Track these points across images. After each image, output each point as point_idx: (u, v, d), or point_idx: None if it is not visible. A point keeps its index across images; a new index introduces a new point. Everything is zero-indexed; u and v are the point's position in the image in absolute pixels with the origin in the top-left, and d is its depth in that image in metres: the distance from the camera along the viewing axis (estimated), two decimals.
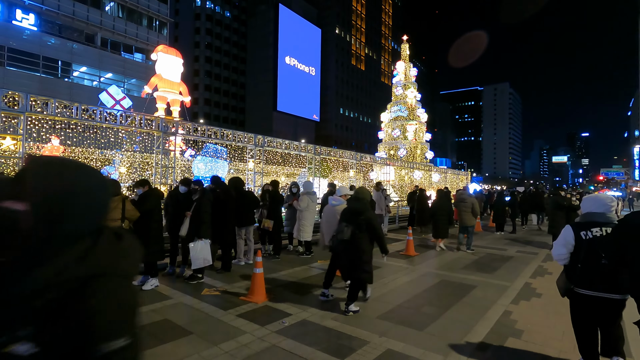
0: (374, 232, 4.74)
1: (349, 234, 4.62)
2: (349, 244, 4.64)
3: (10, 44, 26.53)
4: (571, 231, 3.02)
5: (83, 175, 0.84)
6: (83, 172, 0.84)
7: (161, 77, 13.83)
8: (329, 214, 6.00)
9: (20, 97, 7.65)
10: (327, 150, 16.27)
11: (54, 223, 0.78)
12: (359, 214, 4.69)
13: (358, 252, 4.63)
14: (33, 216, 0.76)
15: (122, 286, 0.84)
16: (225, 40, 70.35)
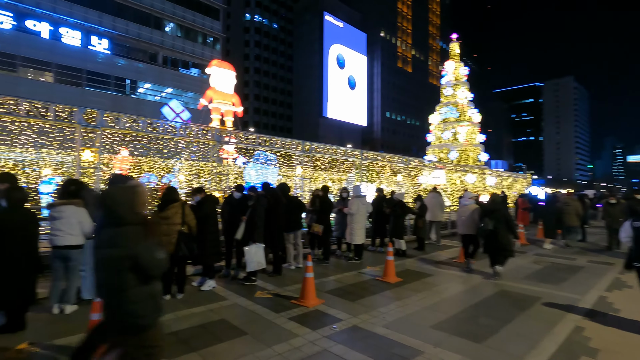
0: (509, 224, 6.78)
1: (491, 225, 6.66)
2: (492, 233, 6.68)
3: (87, 67, 29.85)
4: (629, 223, 4.66)
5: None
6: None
7: (215, 90, 14.73)
8: (463, 211, 7.76)
9: (97, 113, 8.57)
10: (373, 154, 16.11)
11: None
12: (497, 211, 6.80)
13: (501, 237, 6.68)
14: None
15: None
16: (272, 50, 72.85)
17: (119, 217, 2.27)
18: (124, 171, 13.53)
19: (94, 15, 30.13)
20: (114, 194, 2.35)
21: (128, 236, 2.25)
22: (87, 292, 4.76)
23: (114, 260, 2.20)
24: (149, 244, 2.30)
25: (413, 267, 7.61)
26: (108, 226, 2.29)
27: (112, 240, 2.24)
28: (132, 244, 2.24)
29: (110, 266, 2.22)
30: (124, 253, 2.20)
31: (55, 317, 4.28)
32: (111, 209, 2.29)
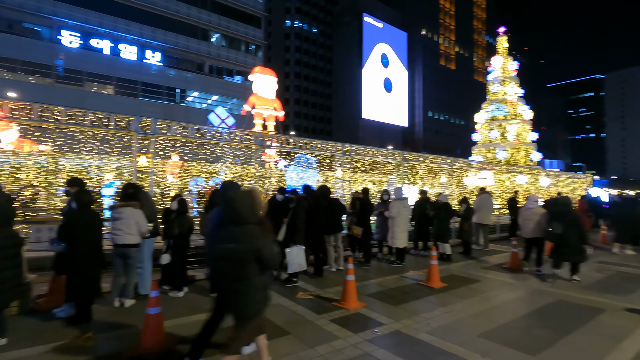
0: (578, 227, 6.57)
1: (560, 229, 6.52)
2: (560, 236, 6.55)
3: (142, 79, 32.22)
4: None
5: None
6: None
7: (258, 96, 15.24)
8: (528, 214, 7.59)
9: (151, 122, 9.22)
10: (415, 155, 15.71)
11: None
12: (567, 214, 6.68)
13: (571, 242, 6.52)
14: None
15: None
16: (312, 55, 73.76)
17: (242, 217, 2.69)
18: (175, 175, 14.40)
19: (148, 31, 32.45)
20: (238, 198, 2.76)
21: (252, 233, 2.69)
22: (143, 288, 5.12)
23: (241, 253, 2.65)
24: (268, 240, 2.78)
25: (459, 272, 7.31)
26: (231, 225, 2.71)
27: (237, 237, 2.67)
28: (256, 240, 2.69)
29: (237, 258, 2.66)
30: (249, 247, 2.66)
31: (116, 310, 4.66)
32: (236, 210, 2.70)
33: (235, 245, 2.66)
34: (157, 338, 3.51)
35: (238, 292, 2.71)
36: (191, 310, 4.72)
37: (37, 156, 11.51)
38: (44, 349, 3.55)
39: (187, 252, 5.50)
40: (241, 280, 2.67)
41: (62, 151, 10.30)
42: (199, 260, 6.54)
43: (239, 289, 2.69)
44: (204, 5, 36.03)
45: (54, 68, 28.38)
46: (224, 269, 2.73)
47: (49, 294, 4.60)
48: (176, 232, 5.25)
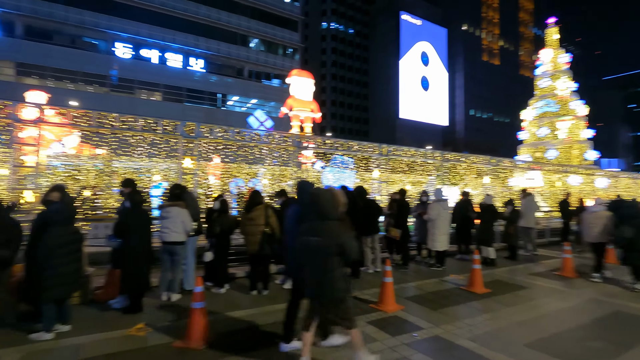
0: None
1: (630, 233, 6.10)
2: (630, 242, 6.13)
3: (187, 85, 33.95)
4: None
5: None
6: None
7: (295, 98, 15.51)
8: (592, 217, 7.16)
9: (195, 126, 9.70)
10: (456, 155, 15.16)
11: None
12: (637, 217, 6.25)
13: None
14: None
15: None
16: (349, 55, 73.59)
17: (326, 214, 2.98)
18: (217, 176, 15.01)
19: (192, 39, 34.13)
20: (321, 196, 3.04)
21: (335, 228, 2.99)
22: (187, 283, 5.40)
23: (325, 246, 2.94)
24: (350, 235, 3.06)
25: (504, 277, 6.95)
26: (316, 220, 3.00)
27: (321, 231, 2.96)
28: (339, 235, 2.97)
29: (321, 251, 2.96)
30: (333, 241, 2.94)
31: (164, 304, 4.94)
32: (319, 207, 2.98)
33: (320, 239, 2.95)
34: (201, 331, 3.69)
35: (322, 281, 2.99)
36: (232, 306, 4.90)
37: (95, 159, 12.52)
38: (102, 336, 3.85)
39: (228, 251, 5.71)
40: (325, 270, 2.96)
41: (116, 154, 11.12)
42: (239, 259, 6.76)
43: (323, 279, 2.98)
44: (243, 12, 37.26)
45: (109, 78, 30.73)
46: (308, 260, 3.05)
47: (106, 286, 4.99)
48: (217, 231, 5.48)
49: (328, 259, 2.97)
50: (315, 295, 3.13)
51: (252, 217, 5.41)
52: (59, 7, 28.59)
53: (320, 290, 3.03)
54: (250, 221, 5.41)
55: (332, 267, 2.98)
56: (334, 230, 2.99)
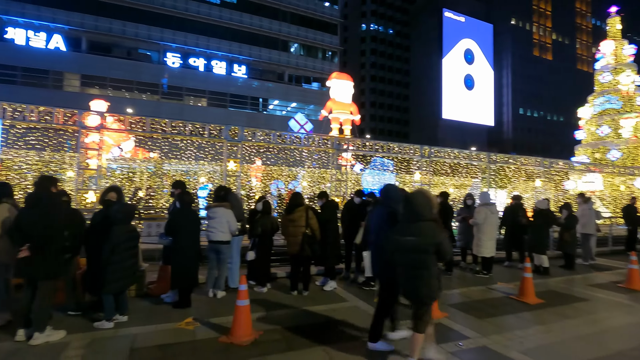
0: None
1: None
2: None
3: (230, 91, 35.36)
4: None
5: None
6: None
7: (335, 101, 15.57)
8: None
9: (238, 130, 10.08)
10: (504, 157, 14.38)
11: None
12: None
13: None
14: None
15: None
16: (388, 56, 72.64)
17: (421, 215, 3.09)
18: (258, 178, 15.46)
19: (236, 47, 35.52)
20: (416, 198, 3.18)
21: (432, 229, 3.11)
22: (232, 281, 5.60)
23: (422, 246, 3.07)
24: (445, 235, 3.17)
25: (559, 288, 6.47)
26: (412, 221, 3.13)
27: (418, 231, 3.09)
28: (436, 235, 3.10)
29: (418, 250, 3.08)
30: (431, 241, 3.08)
31: (210, 300, 5.17)
32: (415, 209, 3.11)
33: (416, 239, 3.08)
34: (246, 328, 3.81)
35: (417, 280, 3.11)
36: (274, 305, 5.01)
37: (147, 162, 13.41)
38: (154, 328, 4.11)
39: (270, 251, 5.86)
40: (421, 269, 3.09)
41: (167, 157, 11.84)
42: (280, 259, 6.90)
43: (418, 277, 3.10)
44: (284, 18, 38.14)
45: (160, 86, 32.84)
46: (403, 260, 3.17)
47: (158, 281, 5.32)
48: (259, 232, 5.64)
49: (424, 258, 3.09)
50: (410, 293, 3.25)
51: (293, 219, 5.50)
52: (118, 22, 31.10)
53: (416, 288, 3.15)
54: (291, 222, 5.51)
55: (428, 266, 3.11)
56: (430, 230, 3.11)
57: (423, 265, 3.10)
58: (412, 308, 3.25)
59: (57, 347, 3.54)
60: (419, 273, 3.11)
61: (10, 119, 7.58)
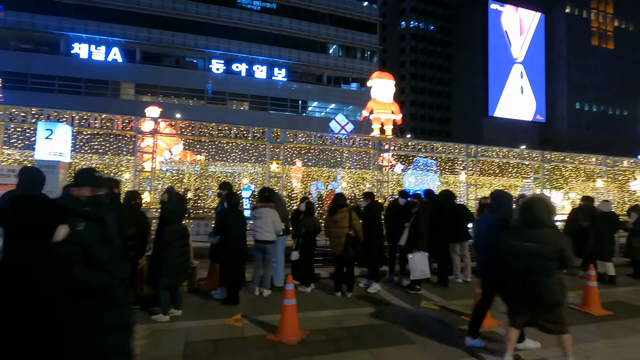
0: None
1: None
2: None
3: (271, 94, 36.25)
4: None
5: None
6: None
7: (376, 101, 15.41)
8: None
9: (280, 132, 10.29)
10: (559, 155, 13.38)
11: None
12: None
13: None
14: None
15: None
16: (429, 53, 70.55)
17: (543, 221, 3.16)
18: (298, 179, 15.66)
19: (276, 51, 36.35)
20: (536, 204, 3.27)
21: (554, 235, 3.19)
22: (277, 280, 5.72)
23: (545, 252, 3.10)
24: (568, 242, 3.21)
25: (628, 299, 5.88)
26: (532, 227, 3.19)
27: (539, 238, 3.14)
28: (560, 241, 3.16)
29: (540, 256, 3.12)
30: (554, 247, 3.11)
31: (257, 298, 5.31)
32: (536, 215, 3.18)
33: (537, 245, 3.12)
34: (293, 327, 3.87)
35: (537, 285, 3.13)
36: (318, 305, 5.04)
37: (195, 165, 14.10)
38: (206, 323, 4.30)
39: (314, 251, 5.90)
40: (541, 275, 3.12)
41: (213, 160, 12.37)
42: (323, 260, 6.93)
43: (539, 283, 3.12)
44: (322, 20, 38.42)
45: (205, 91, 34.45)
46: (523, 265, 3.20)
47: (208, 278, 5.56)
48: (303, 232, 5.70)
49: (545, 264, 3.12)
50: (531, 300, 3.24)
51: (336, 220, 5.50)
52: (167, 33, 33.11)
53: (538, 294, 3.16)
54: (334, 223, 5.51)
55: (551, 272, 3.14)
56: (553, 236, 3.17)
57: (543, 272, 3.13)
58: (538, 316, 3.26)
59: None
60: (539, 279, 3.13)
61: (78, 126, 8.33)
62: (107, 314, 1.51)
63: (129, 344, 1.61)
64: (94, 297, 1.48)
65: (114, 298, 1.58)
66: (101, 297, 1.52)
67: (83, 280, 1.47)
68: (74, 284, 1.38)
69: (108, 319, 1.51)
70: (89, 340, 1.40)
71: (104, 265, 1.64)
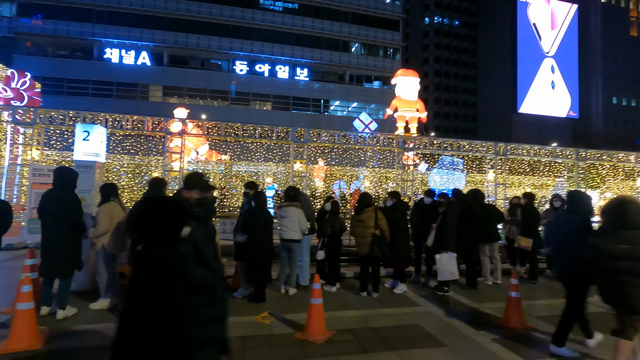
0: None
1: None
2: None
3: (293, 94, 36.48)
4: None
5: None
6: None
7: (400, 99, 15.18)
8: None
9: (304, 131, 10.33)
10: (595, 153, 12.72)
11: None
12: None
13: None
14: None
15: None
16: (454, 49, 68.88)
17: (634, 223, 3.13)
18: (321, 178, 15.65)
19: (298, 51, 36.55)
20: (632, 206, 3.23)
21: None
22: (303, 279, 5.74)
23: (637, 255, 3.08)
24: None
25: None
26: (625, 229, 3.15)
27: (635, 240, 3.09)
28: None
29: (634, 258, 3.09)
30: None
31: (283, 296, 5.35)
32: (632, 217, 3.14)
33: (632, 247, 3.08)
34: (320, 326, 3.87)
35: (628, 287, 3.08)
36: (344, 305, 5.02)
37: (219, 164, 14.39)
38: (235, 320, 4.33)
39: (339, 250, 5.88)
40: (634, 276, 3.06)
41: (238, 159, 12.59)
42: (348, 259, 6.90)
43: (631, 284, 3.07)
44: (344, 19, 38.26)
45: (229, 92, 35.12)
46: (609, 267, 3.16)
47: (234, 276, 5.66)
48: (329, 231, 5.69)
49: (637, 266, 3.07)
50: (617, 300, 3.20)
51: (362, 219, 5.45)
52: (193, 36, 33.99)
53: (626, 295, 3.11)
54: (360, 223, 5.47)
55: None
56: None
57: (634, 273, 3.07)
58: (618, 315, 3.20)
59: None
60: (631, 280, 3.08)
61: (111, 128, 8.68)
62: (210, 308, 1.65)
63: (225, 334, 1.79)
64: (202, 293, 1.63)
65: (217, 294, 1.71)
66: (207, 293, 1.66)
67: (196, 276, 1.62)
68: (188, 280, 1.56)
69: (211, 313, 1.65)
70: (195, 331, 1.56)
71: (209, 263, 1.78)
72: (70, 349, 3.48)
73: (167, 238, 1.57)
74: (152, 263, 1.53)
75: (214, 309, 1.66)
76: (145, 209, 1.68)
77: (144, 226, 1.62)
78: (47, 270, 4.19)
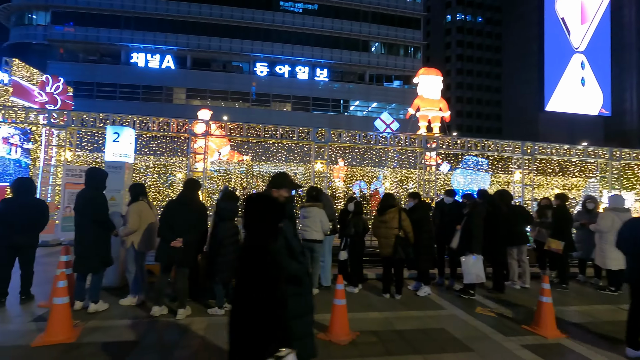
0: None
1: None
2: None
3: (313, 95, 36.59)
4: None
5: None
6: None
7: (422, 98, 14.93)
8: None
9: (325, 132, 10.31)
10: (631, 152, 12.08)
11: None
12: None
13: None
14: None
15: None
16: (477, 47, 67.19)
17: None
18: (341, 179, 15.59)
19: (317, 52, 36.64)
20: None
21: None
22: (325, 279, 5.72)
23: None
24: None
25: None
26: None
27: None
28: None
29: None
30: None
31: None
32: None
33: None
34: (343, 327, 3.84)
35: None
36: (367, 307, 4.97)
37: (241, 165, 14.59)
38: None
39: (362, 251, 5.83)
40: None
41: (260, 160, 12.72)
42: (370, 260, 6.83)
43: None
44: (364, 18, 38.05)
45: (250, 94, 35.61)
46: None
47: None
48: (352, 232, 5.65)
49: None
50: None
51: (385, 220, 5.38)
52: (215, 39, 34.69)
53: None
54: (383, 224, 5.40)
55: None
56: None
57: None
58: None
59: (181, 326, 4.04)
60: None
61: (138, 129, 8.96)
62: (301, 299, 1.79)
63: (312, 326, 1.90)
64: (293, 284, 1.76)
65: (305, 286, 1.85)
66: (297, 284, 1.80)
67: (290, 269, 1.78)
68: (285, 272, 1.70)
69: (302, 304, 1.78)
70: (291, 321, 1.67)
71: (297, 256, 1.92)
72: (102, 343, 3.60)
73: (269, 231, 1.70)
74: (257, 253, 1.63)
75: (302, 300, 1.74)
76: (252, 204, 1.82)
77: (249, 219, 1.75)
78: (79, 266, 4.38)
